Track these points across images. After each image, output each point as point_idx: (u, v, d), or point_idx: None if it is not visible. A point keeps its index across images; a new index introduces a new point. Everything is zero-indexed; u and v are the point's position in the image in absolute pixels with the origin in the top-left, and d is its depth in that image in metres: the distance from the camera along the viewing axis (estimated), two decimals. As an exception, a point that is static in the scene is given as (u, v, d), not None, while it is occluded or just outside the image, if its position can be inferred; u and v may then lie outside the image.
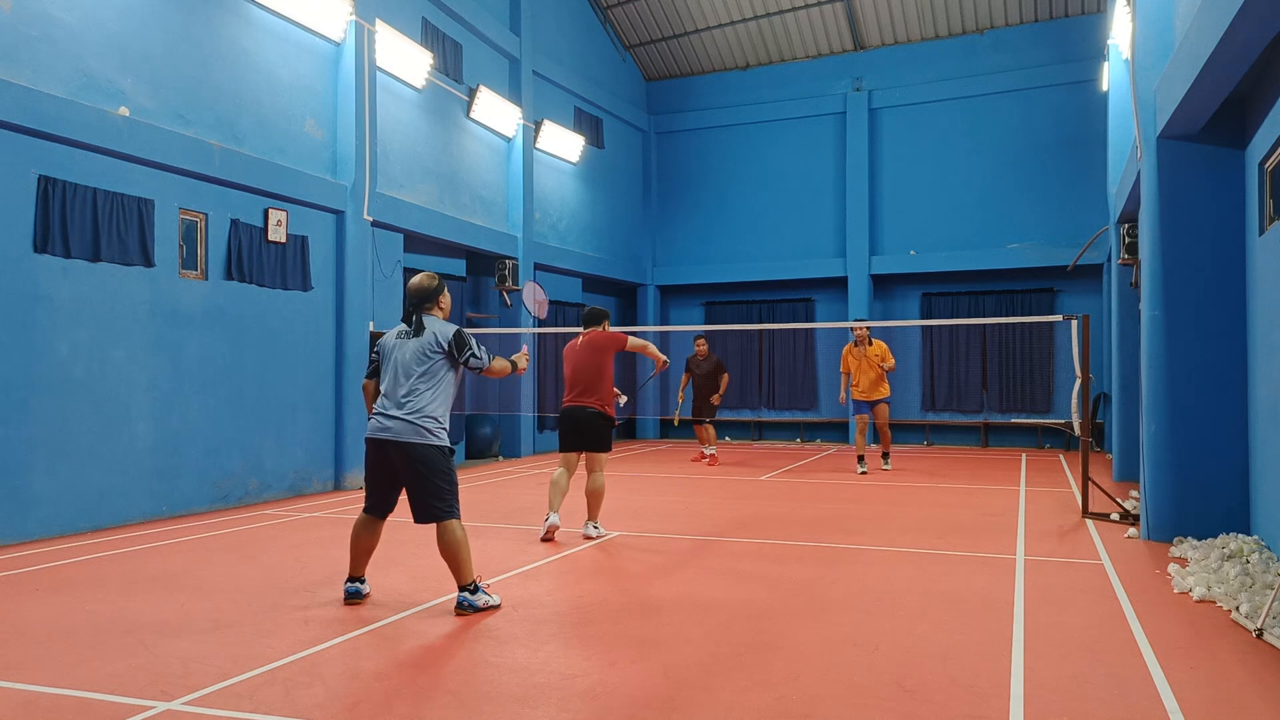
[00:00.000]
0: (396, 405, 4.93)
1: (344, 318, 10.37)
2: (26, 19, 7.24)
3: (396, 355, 5.03)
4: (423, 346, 4.98)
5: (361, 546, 5.15)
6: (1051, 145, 15.68)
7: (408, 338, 5.05)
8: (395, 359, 5.03)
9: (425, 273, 5.29)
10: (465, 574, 4.95)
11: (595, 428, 7.07)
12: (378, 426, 4.95)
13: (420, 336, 5.01)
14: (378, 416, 4.98)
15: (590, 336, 7.24)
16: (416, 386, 4.94)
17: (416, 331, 5.04)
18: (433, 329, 5.04)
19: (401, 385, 4.95)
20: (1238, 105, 6.72)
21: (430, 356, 4.97)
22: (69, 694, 3.68)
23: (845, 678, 3.84)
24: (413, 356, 4.97)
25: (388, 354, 5.08)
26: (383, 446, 4.94)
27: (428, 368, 4.96)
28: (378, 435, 4.95)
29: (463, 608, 4.89)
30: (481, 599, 4.94)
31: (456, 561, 4.93)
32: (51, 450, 7.36)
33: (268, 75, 9.54)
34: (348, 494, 10.01)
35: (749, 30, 17.29)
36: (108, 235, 7.79)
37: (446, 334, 5.02)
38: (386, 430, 4.91)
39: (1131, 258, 10.22)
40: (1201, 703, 3.55)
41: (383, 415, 4.95)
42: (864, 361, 11.51)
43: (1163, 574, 5.78)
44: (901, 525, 7.72)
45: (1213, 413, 6.86)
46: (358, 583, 5.17)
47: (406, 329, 5.09)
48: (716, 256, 18.01)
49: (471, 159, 13.29)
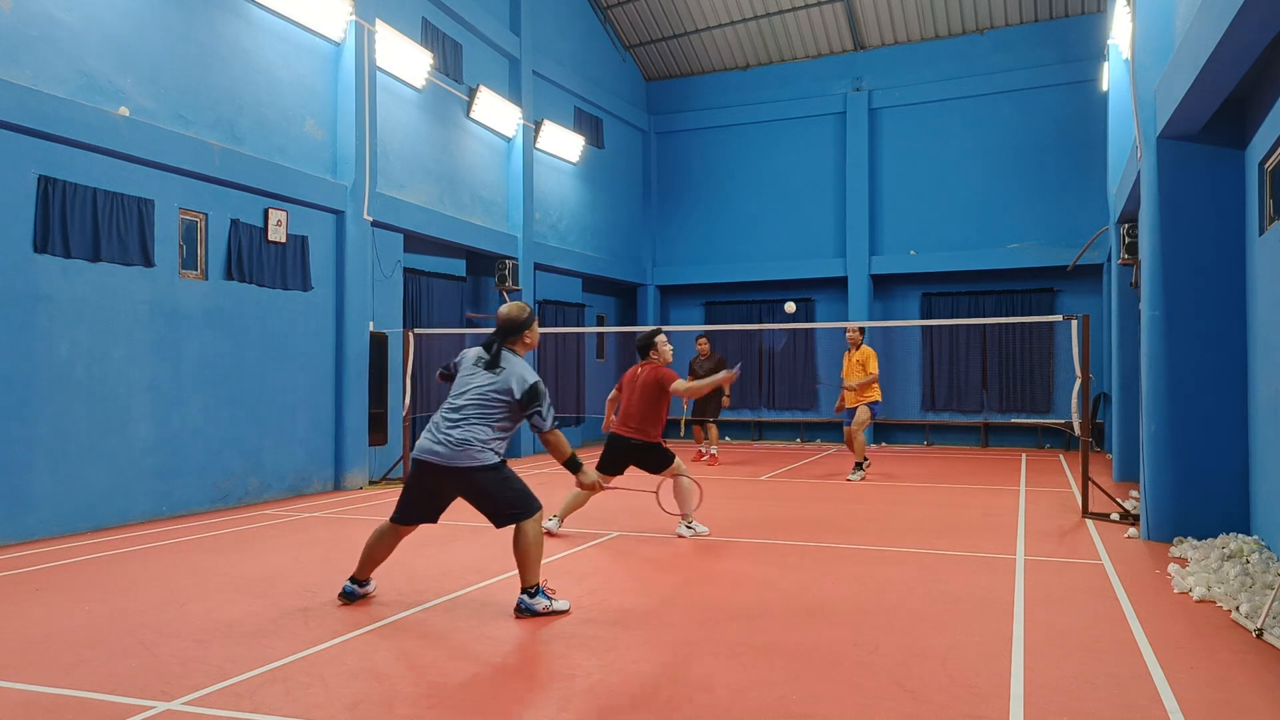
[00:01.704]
0: (448, 429, 4.78)
1: (344, 318, 10.37)
2: (26, 19, 7.24)
3: (468, 380, 4.89)
4: (497, 388, 4.82)
5: (375, 552, 5.06)
6: (1051, 145, 15.68)
7: (483, 367, 4.90)
8: (465, 382, 4.90)
9: (517, 302, 5.10)
10: (530, 575, 4.86)
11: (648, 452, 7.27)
12: (425, 448, 4.80)
13: (497, 375, 4.85)
14: (427, 437, 4.83)
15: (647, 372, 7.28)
16: (473, 416, 4.80)
17: (493, 364, 4.89)
18: (513, 372, 4.86)
19: (459, 411, 4.81)
20: (1238, 105, 6.72)
21: (501, 402, 4.83)
22: (69, 694, 3.68)
23: (845, 678, 3.84)
24: (481, 393, 4.82)
25: (462, 376, 4.96)
26: (428, 468, 4.81)
27: (493, 410, 4.82)
28: (424, 457, 4.80)
29: (521, 611, 4.83)
30: (541, 603, 4.82)
31: (525, 561, 4.86)
32: (51, 450, 7.36)
33: (268, 75, 9.54)
34: (348, 494, 10.01)
35: (749, 30, 17.29)
36: (108, 235, 7.79)
37: (525, 384, 4.82)
38: (434, 454, 4.77)
39: (1131, 258, 10.22)
40: (1201, 703, 3.55)
41: (431, 437, 4.80)
42: (851, 365, 11.50)
43: (1163, 574, 5.78)
44: (901, 525, 7.72)
45: (1213, 413, 6.86)
46: (356, 585, 5.11)
47: (485, 356, 4.94)
48: (716, 256, 18.01)
49: (471, 159, 13.29)
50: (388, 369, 11.30)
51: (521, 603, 4.85)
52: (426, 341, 12.11)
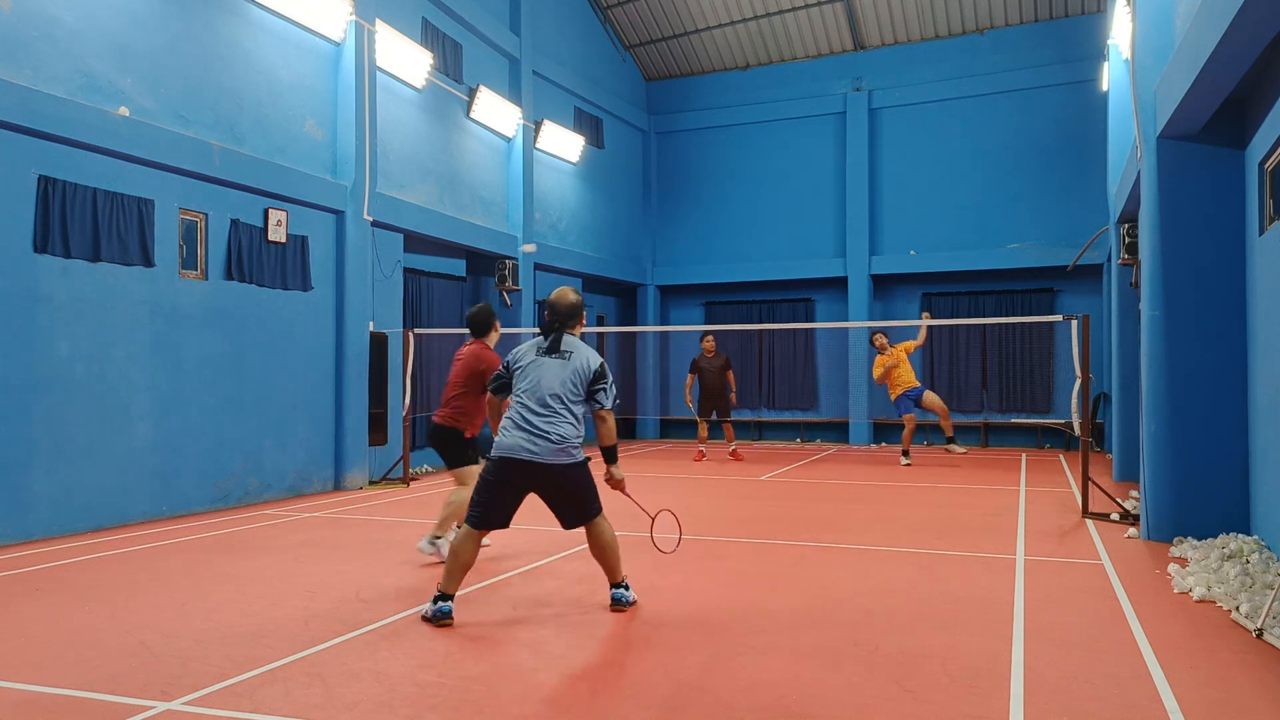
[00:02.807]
0: (544, 426, 4.72)
1: (344, 318, 10.37)
2: (26, 19, 7.24)
3: (537, 375, 4.82)
4: (575, 373, 4.82)
5: (464, 562, 4.78)
6: (1051, 145, 15.68)
7: (547, 355, 4.86)
8: (537, 378, 4.82)
9: (569, 286, 5.09)
10: (619, 571, 5.00)
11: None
12: (517, 446, 4.71)
13: (566, 359, 4.83)
14: (516, 435, 4.74)
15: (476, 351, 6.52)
16: (561, 410, 4.77)
17: (554, 349, 4.86)
18: (580, 354, 4.87)
19: (547, 406, 4.75)
20: (1238, 105, 6.71)
21: (578, 386, 4.81)
22: (69, 694, 3.68)
23: (845, 678, 3.84)
24: (559, 381, 4.79)
25: (525, 369, 4.88)
26: (521, 467, 4.72)
27: (575, 397, 4.81)
28: (519, 456, 4.71)
29: (620, 604, 4.95)
30: (631, 594, 5.02)
31: (612, 559, 4.96)
32: (51, 450, 7.36)
33: (268, 75, 9.54)
34: (347, 494, 10.02)
35: (749, 30, 17.29)
36: (108, 235, 7.79)
37: (593, 364, 4.85)
38: (530, 453, 4.69)
39: (1131, 258, 10.21)
40: (1201, 703, 3.55)
41: (523, 435, 4.72)
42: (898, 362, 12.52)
43: (1163, 574, 5.78)
44: (901, 525, 7.72)
45: (1213, 413, 6.86)
46: (449, 601, 4.75)
47: (544, 345, 4.90)
48: (716, 256, 18.01)
49: (471, 159, 13.29)
50: (388, 369, 11.30)
51: (621, 597, 4.96)
52: (426, 341, 12.11)
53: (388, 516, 8.36)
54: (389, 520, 8.14)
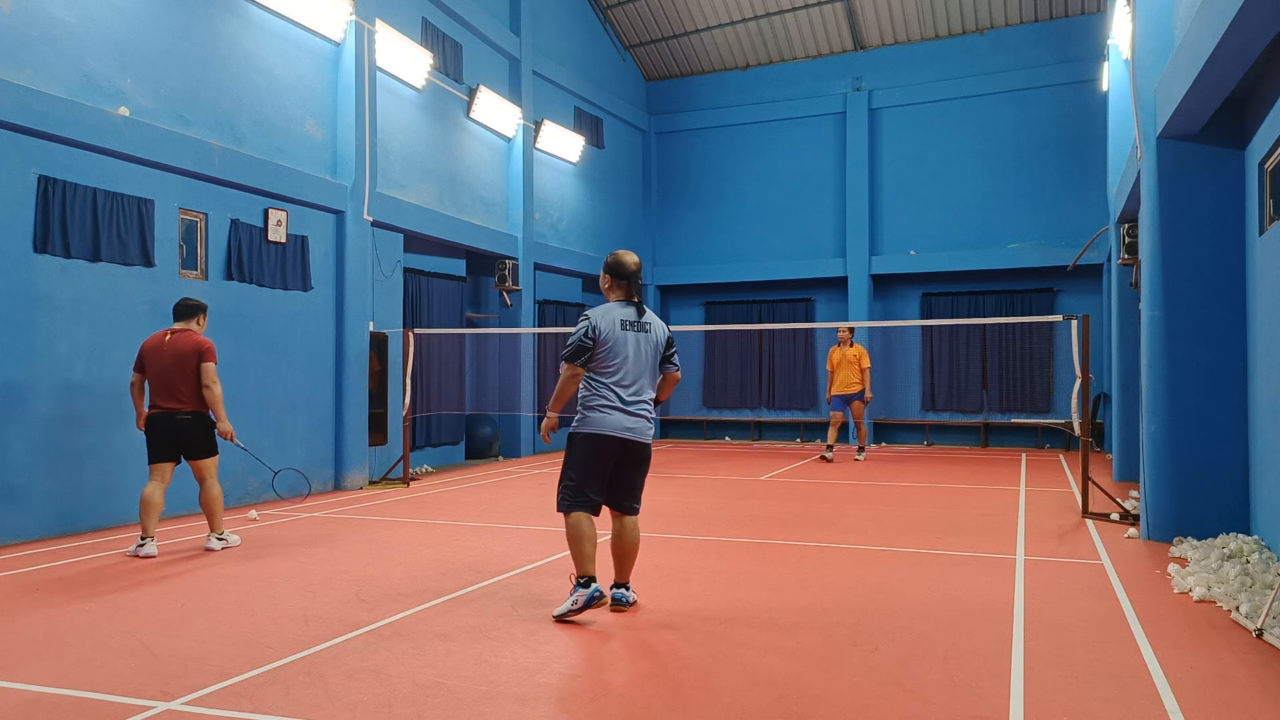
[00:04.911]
0: (636, 402, 4.76)
1: (344, 318, 10.37)
2: (26, 19, 7.24)
3: (631, 349, 4.77)
4: (655, 346, 4.85)
5: (593, 543, 4.78)
6: (1051, 145, 15.68)
7: (636, 329, 4.81)
8: (630, 354, 4.76)
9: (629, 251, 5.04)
10: (629, 571, 5.01)
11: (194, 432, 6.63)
12: (620, 425, 4.71)
13: (648, 330, 4.84)
14: (616, 413, 4.71)
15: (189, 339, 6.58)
16: (650, 386, 4.84)
17: (638, 319, 4.83)
18: (656, 325, 4.91)
19: (639, 381, 4.78)
20: (1238, 105, 6.72)
21: (658, 357, 4.87)
22: (69, 694, 3.68)
23: (845, 678, 3.84)
24: (646, 356, 4.82)
25: (617, 344, 4.75)
26: (623, 445, 4.74)
27: (655, 370, 4.86)
28: (621, 434, 4.71)
29: (621, 604, 4.94)
30: (632, 595, 5.02)
31: (633, 558, 4.98)
32: (51, 450, 7.36)
33: (268, 75, 9.54)
34: (347, 494, 10.02)
35: (749, 30, 17.29)
36: (108, 235, 7.79)
37: (665, 333, 4.92)
38: (630, 431, 4.72)
39: (1131, 258, 10.22)
40: (1201, 703, 3.55)
41: (623, 413, 4.72)
42: (844, 360, 13.20)
43: (1163, 574, 5.78)
44: (901, 525, 7.72)
45: (1213, 413, 6.86)
46: (594, 581, 4.74)
47: (629, 318, 4.81)
48: (716, 256, 18.01)
49: (471, 159, 13.29)
50: (388, 369, 11.30)
51: (621, 597, 4.96)
52: (426, 341, 12.12)
53: (388, 516, 8.36)
54: (389, 520, 8.14)
